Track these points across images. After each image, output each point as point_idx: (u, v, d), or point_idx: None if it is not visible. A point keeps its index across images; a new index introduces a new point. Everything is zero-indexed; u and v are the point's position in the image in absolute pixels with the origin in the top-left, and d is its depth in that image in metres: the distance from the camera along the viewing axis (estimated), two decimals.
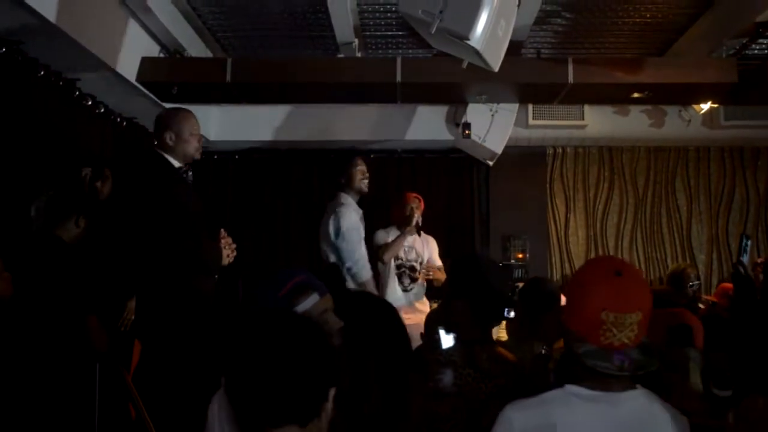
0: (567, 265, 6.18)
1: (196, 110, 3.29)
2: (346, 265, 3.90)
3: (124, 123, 4.76)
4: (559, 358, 1.81)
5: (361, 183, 4.07)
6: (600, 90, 4.51)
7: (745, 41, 4.39)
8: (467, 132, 5.30)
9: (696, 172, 6.27)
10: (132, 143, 4.79)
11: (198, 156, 3.16)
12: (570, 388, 1.54)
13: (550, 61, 4.59)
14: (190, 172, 3.14)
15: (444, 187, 6.18)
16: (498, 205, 6.22)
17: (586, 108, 5.68)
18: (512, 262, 6.00)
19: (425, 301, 4.48)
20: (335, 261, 3.92)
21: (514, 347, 2.34)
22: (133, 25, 4.03)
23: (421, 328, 3.05)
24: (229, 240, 3.14)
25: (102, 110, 4.39)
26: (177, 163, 3.09)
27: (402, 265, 4.42)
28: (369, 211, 4.26)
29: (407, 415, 1.63)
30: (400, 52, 5.02)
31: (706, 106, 5.14)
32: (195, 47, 4.66)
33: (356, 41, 4.46)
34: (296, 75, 4.40)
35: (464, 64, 2.92)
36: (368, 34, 4.71)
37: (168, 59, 4.40)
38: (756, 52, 4.61)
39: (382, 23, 4.55)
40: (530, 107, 5.67)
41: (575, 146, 6.26)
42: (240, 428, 1.27)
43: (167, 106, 4.28)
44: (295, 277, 1.72)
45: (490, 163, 5.83)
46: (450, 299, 2.23)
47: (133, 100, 4.48)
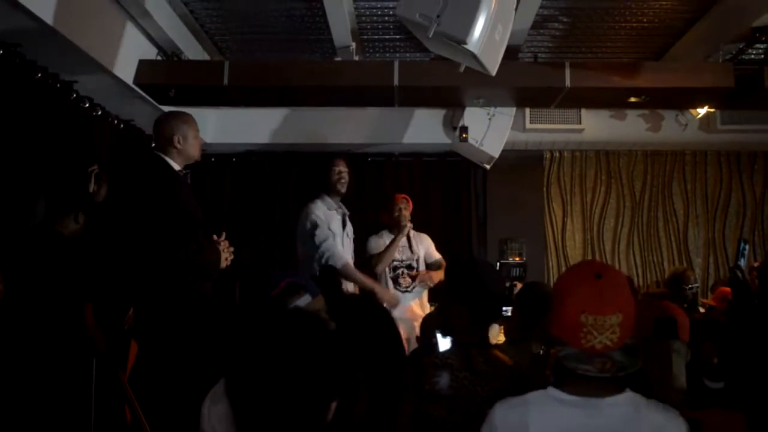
0: (564, 269, 6.15)
1: (193, 113, 3.30)
2: (318, 255, 3.84)
3: (122, 125, 4.76)
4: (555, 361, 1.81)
5: (338, 183, 4.03)
6: (597, 94, 4.52)
7: (741, 46, 4.42)
8: (464, 135, 5.29)
9: (693, 176, 6.28)
10: (129, 145, 4.80)
11: (199, 158, 3.22)
12: (551, 390, 1.53)
13: (548, 65, 4.62)
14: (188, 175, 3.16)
15: (441, 190, 6.18)
16: (495, 208, 6.21)
17: (583, 112, 5.68)
18: (509, 261, 5.99)
19: (425, 301, 4.50)
20: (311, 256, 3.86)
21: (511, 350, 2.34)
22: (130, 28, 4.03)
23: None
24: (227, 243, 3.14)
25: (99, 112, 4.39)
26: (177, 166, 3.10)
27: (398, 266, 4.43)
28: (366, 216, 4.25)
29: (396, 421, 1.63)
30: (398, 55, 5.04)
31: (702, 111, 5.16)
32: (192, 50, 4.67)
33: (354, 44, 4.47)
34: (293, 78, 4.41)
35: (461, 68, 2.93)
36: (366, 37, 4.72)
37: (165, 62, 4.42)
38: (752, 56, 4.63)
39: (380, 27, 4.55)
40: (527, 111, 5.68)
41: (572, 150, 6.27)
42: (239, 429, 1.26)
43: (164, 108, 4.30)
44: (288, 277, 1.73)
45: (488, 167, 5.83)
46: (446, 302, 2.23)
47: (130, 103, 4.48)
